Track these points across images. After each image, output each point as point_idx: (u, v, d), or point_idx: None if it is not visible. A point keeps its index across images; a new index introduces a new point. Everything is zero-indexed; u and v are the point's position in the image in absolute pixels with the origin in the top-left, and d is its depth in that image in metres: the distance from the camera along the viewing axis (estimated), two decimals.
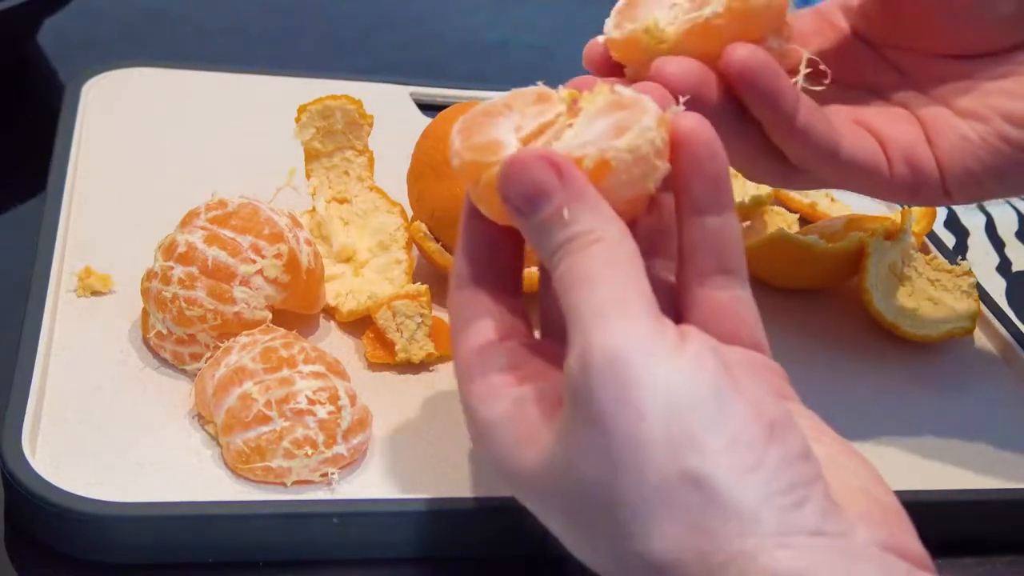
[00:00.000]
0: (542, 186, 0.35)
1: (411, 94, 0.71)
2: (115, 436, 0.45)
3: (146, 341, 0.50)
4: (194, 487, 0.44)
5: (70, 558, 0.43)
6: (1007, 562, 0.50)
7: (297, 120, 0.55)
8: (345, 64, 0.76)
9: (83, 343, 0.49)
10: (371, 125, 0.57)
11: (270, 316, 0.49)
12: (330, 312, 0.54)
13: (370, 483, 0.46)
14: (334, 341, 0.53)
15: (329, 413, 0.44)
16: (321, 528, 0.44)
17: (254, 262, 0.48)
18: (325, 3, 0.85)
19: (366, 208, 0.57)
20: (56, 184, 0.57)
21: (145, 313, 0.49)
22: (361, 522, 0.44)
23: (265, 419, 0.44)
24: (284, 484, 0.44)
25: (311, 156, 0.57)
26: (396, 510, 0.45)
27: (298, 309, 0.51)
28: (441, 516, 0.45)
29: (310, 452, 0.44)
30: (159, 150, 0.62)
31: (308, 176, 0.57)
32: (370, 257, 0.56)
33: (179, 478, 0.44)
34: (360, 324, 0.52)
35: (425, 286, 0.52)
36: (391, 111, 0.69)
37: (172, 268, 0.48)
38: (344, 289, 0.54)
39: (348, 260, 0.56)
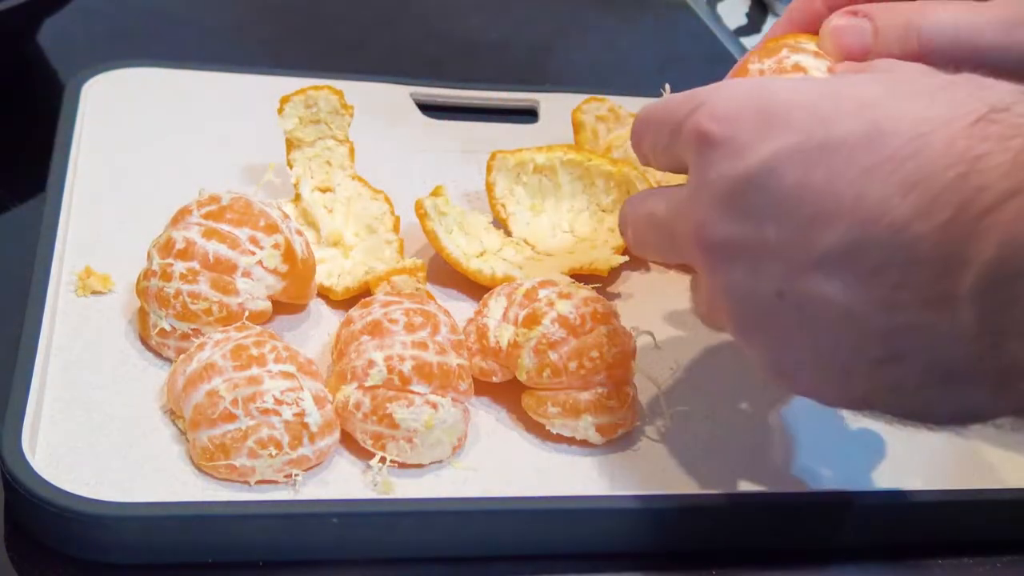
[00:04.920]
0: None
1: (411, 94, 0.71)
2: (115, 436, 0.45)
3: (146, 342, 0.50)
4: (194, 487, 0.44)
5: (70, 558, 0.43)
6: (1007, 562, 0.50)
7: (280, 110, 0.57)
8: (345, 64, 0.76)
9: (83, 343, 0.49)
10: (352, 116, 0.58)
11: (271, 307, 0.50)
12: (323, 293, 0.54)
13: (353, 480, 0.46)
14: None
15: (295, 415, 0.44)
16: (321, 528, 0.44)
17: (253, 253, 0.49)
18: (325, 3, 0.85)
19: (349, 195, 0.57)
20: (56, 184, 0.57)
21: (143, 313, 0.49)
22: (361, 522, 0.44)
23: (231, 417, 0.44)
24: (247, 483, 0.44)
25: (293, 146, 0.58)
26: (397, 510, 0.45)
27: (293, 299, 0.52)
28: (440, 516, 0.45)
29: (274, 452, 0.44)
30: (159, 150, 0.62)
31: (291, 166, 0.58)
32: (358, 241, 0.56)
33: (179, 478, 0.44)
34: (353, 302, 0.52)
35: (422, 261, 0.53)
36: (391, 111, 0.69)
37: (172, 264, 0.48)
38: (336, 270, 0.54)
39: (336, 244, 0.56)
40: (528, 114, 0.72)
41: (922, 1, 0.46)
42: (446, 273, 0.56)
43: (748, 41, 0.96)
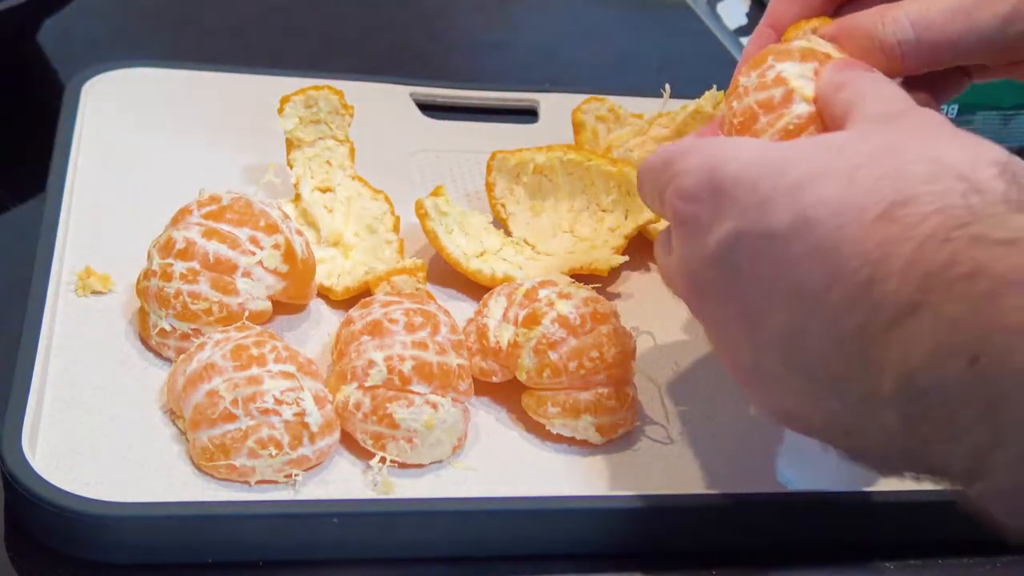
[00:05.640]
0: None
1: (411, 94, 0.71)
2: (115, 436, 0.45)
3: (146, 342, 0.50)
4: (195, 487, 0.44)
5: (70, 558, 0.43)
6: (1007, 562, 0.50)
7: (280, 110, 0.56)
8: (345, 64, 0.76)
9: (83, 343, 0.49)
10: (352, 116, 0.58)
11: (271, 307, 0.50)
12: (323, 293, 0.54)
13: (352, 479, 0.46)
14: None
15: (295, 415, 0.44)
16: (321, 528, 0.44)
17: (254, 254, 0.49)
18: (325, 3, 0.85)
19: (349, 195, 0.57)
20: (56, 184, 0.57)
21: (143, 313, 0.49)
22: (361, 522, 0.44)
23: (231, 417, 0.44)
24: (248, 483, 0.44)
25: (293, 146, 0.58)
26: (397, 510, 0.45)
27: (293, 299, 0.52)
28: (440, 516, 0.45)
29: (274, 452, 0.44)
30: (159, 150, 0.62)
31: (290, 166, 0.58)
32: (358, 241, 0.56)
33: (179, 478, 0.44)
34: (353, 302, 0.52)
35: (422, 261, 0.53)
36: (391, 111, 0.69)
37: (172, 264, 0.48)
38: (336, 270, 0.55)
39: (336, 244, 0.56)
40: (528, 114, 0.72)
41: (881, 6, 0.47)
42: (446, 273, 0.56)
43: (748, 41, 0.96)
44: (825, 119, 0.44)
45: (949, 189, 0.35)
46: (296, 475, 0.45)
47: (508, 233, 0.59)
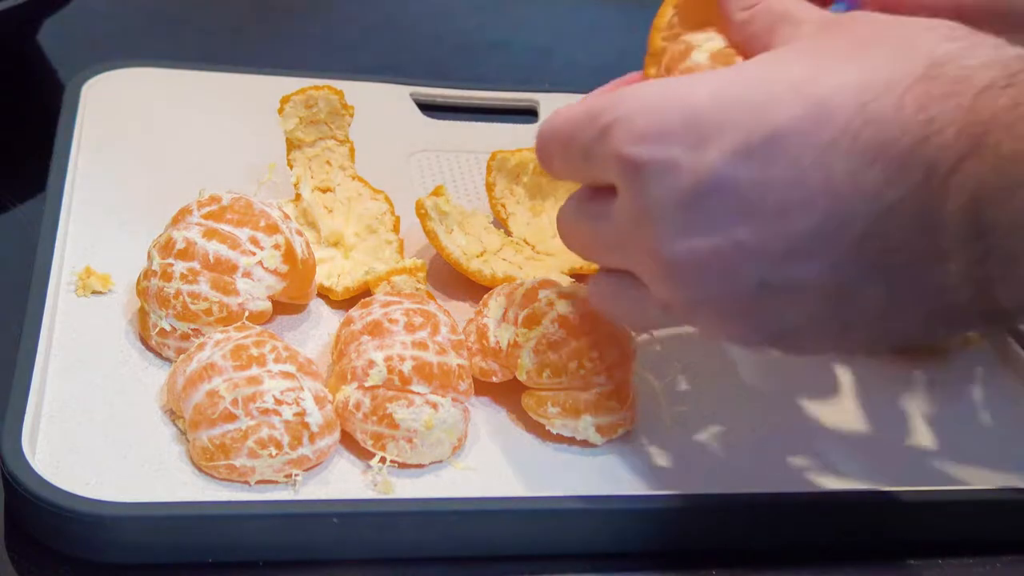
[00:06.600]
0: None
1: (411, 94, 0.71)
2: (115, 436, 0.45)
3: (146, 342, 0.50)
4: (194, 487, 0.44)
5: (70, 558, 0.43)
6: (1007, 562, 0.50)
7: (280, 110, 0.57)
8: (345, 64, 0.76)
9: (83, 343, 0.49)
10: (352, 116, 0.58)
11: (271, 307, 0.50)
12: (323, 293, 0.54)
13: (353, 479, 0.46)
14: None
15: (295, 414, 0.44)
16: (321, 528, 0.44)
17: (254, 254, 0.49)
18: (325, 3, 0.85)
19: (349, 195, 0.57)
20: (56, 184, 0.57)
21: (143, 313, 0.49)
22: (361, 522, 0.44)
23: (231, 417, 0.44)
24: (247, 483, 0.44)
25: (293, 146, 0.58)
26: (396, 510, 0.45)
27: (294, 299, 0.52)
28: (440, 516, 0.45)
29: (274, 452, 0.44)
30: (159, 150, 0.62)
31: (290, 166, 0.58)
32: (358, 241, 0.56)
33: (180, 478, 0.44)
34: (353, 302, 0.52)
35: (422, 261, 0.53)
36: (391, 111, 0.69)
37: (172, 265, 0.48)
38: (336, 271, 0.55)
39: (336, 244, 0.56)
40: (528, 114, 0.72)
41: None
42: (446, 273, 0.56)
43: None
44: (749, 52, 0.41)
45: (982, 43, 0.35)
46: (296, 475, 0.45)
47: (508, 233, 0.59)
